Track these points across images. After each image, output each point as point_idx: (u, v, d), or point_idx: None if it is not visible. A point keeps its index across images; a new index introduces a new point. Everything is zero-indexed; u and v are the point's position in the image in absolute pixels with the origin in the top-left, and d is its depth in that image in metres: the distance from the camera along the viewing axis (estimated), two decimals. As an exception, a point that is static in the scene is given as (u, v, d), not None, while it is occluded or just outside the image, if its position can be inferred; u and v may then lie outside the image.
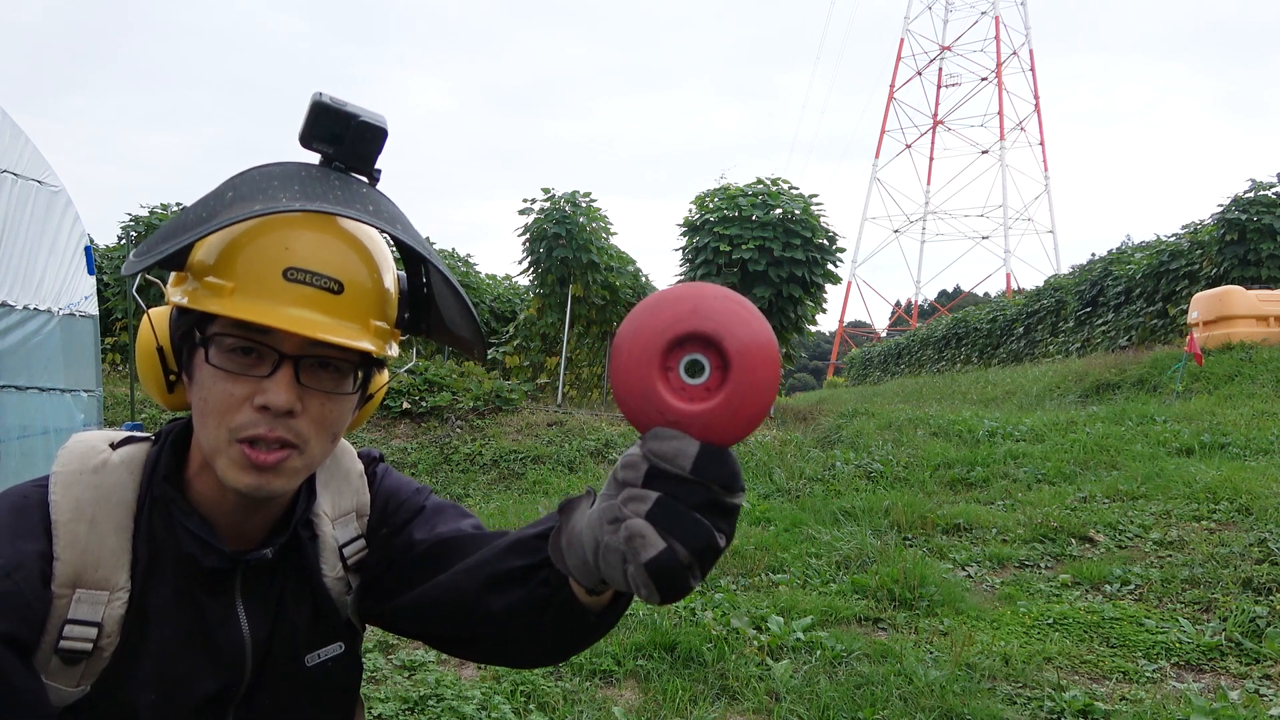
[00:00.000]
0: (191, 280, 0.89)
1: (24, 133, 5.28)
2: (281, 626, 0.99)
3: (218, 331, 0.86)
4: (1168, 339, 13.98)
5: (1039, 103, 54.42)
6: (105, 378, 9.52)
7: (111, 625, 0.90)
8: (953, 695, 3.12)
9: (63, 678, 0.88)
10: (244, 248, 0.86)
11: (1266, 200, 12.60)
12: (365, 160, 0.92)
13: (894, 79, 56.65)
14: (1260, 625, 3.72)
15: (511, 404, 9.36)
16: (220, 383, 0.86)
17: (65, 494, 0.91)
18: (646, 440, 0.68)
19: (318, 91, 0.90)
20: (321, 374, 0.89)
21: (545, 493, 7.03)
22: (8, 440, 5.01)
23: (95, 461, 0.94)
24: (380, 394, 1.06)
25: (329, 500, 1.05)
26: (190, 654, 0.93)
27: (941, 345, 26.09)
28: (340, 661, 1.03)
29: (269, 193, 0.85)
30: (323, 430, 0.90)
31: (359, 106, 0.91)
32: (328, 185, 0.88)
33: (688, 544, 0.66)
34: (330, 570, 1.03)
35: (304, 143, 0.91)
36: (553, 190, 11.55)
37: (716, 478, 0.66)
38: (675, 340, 0.65)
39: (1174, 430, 7.25)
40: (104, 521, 0.91)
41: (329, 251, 0.88)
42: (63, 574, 0.88)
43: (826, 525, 5.56)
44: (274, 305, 0.84)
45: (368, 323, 0.90)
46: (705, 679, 3.30)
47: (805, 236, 9.85)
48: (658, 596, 0.67)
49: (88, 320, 5.75)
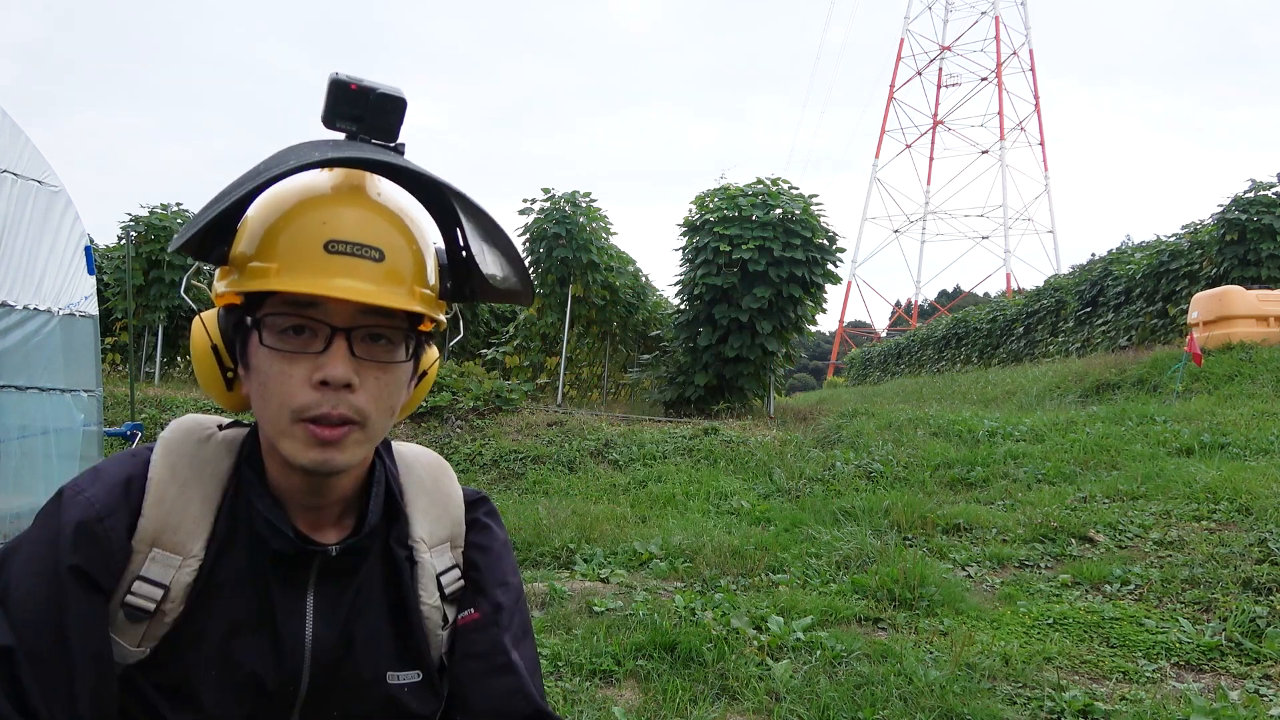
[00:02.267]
0: (235, 272, 0.91)
1: (24, 133, 5.28)
2: (360, 637, 0.98)
3: (268, 313, 0.88)
4: (1168, 339, 13.98)
5: (1039, 103, 54.42)
6: (105, 378, 9.51)
7: (178, 591, 0.92)
8: (953, 695, 3.11)
9: (126, 634, 0.91)
10: (283, 229, 0.89)
11: (1266, 200, 12.59)
12: (388, 132, 0.93)
13: (894, 79, 56.65)
14: (1260, 625, 3.72)
15: (511, 404, 9.36)
16: (276, 363, 0.88)
17: (165, 457, 0.95)
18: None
19: (334, 71, 0.92)
20: (374, 346, 0.91)
21: (545, 493, 7.03)
22: (8, 440, 5.00)
23: (201, 435, 0.98)
24: (433, 371, 1.06)
25: (426, 526, 1.05)
26: (253, 638, 0.94)
27: (941, 345, 26.08)
28: (418, 689, 1.02)
29: (301, 154, 0.86)
30: (381, 403, 0.91)
31: (375, 80, 0.92)
32: (357, 149, 0.90)
33: None
34: (428, 598, 1.03)
35: (327, 123, 0.93)
36: (553, 190, 11.55)
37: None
38: None
39: (1174, 430, 7.25)
40: (194, 489, 0.94)
41: (367, 222, 0.90)
42: (144, 530, 0.91)
43: (826, 525, 5.56)
44: (319, 277, 0.86)
45: (412, 288, 0.92)
46: (705, 679, 3.30)
47: (805, 236, 9.85)
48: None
49: (88, 320, 5.75)
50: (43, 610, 0.85)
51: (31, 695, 0.82)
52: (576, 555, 5.06)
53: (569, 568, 4.93)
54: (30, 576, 0.86)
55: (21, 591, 0.85)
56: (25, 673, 0.83)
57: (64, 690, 0.84)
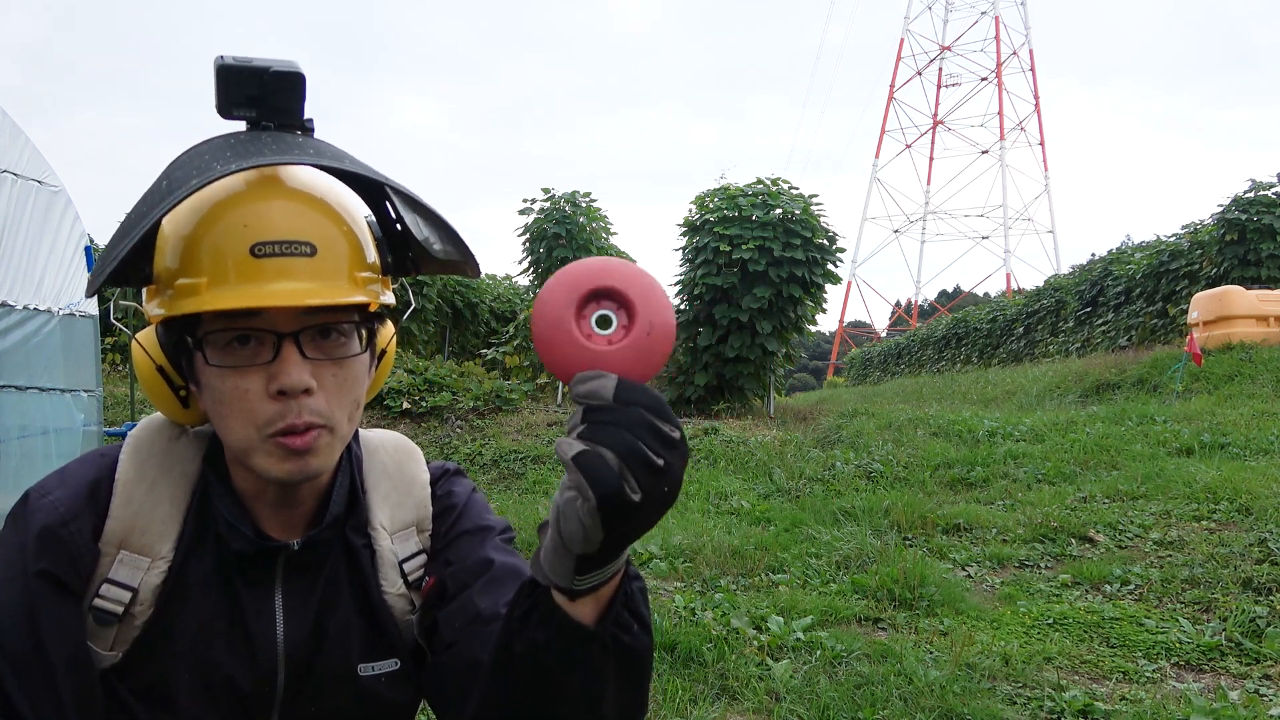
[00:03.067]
0: (164, 289, 0.86)
1: (24, 133, 5.28)
2: (331, 631, 0.96)
3: (207, 330, 0.84)
4: (1168, 339, 13.98)
5: (1039, 103, 54.43)
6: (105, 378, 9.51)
7: (146, 593, 0.90)
8: (953, 695, 3.12)
9: (97, 638, 0.89)
10: (203, 239, 0.83)
11: (1266, 200, 12.60)
12: (291, 113, 0.86)
13: (894, 79, 56.66)
14: (1260, 625, 3.72)
15: (511, 404, 9.36)
16: (228, 380, 0.84)
17: (134, 456, 0.93)
18: (573, 388, 0.70)
19: (219, 55, 0.85)
20: (325, 343, 0.87)
21: (545, 493, 7.03)
22: (8, 440, 5.00)
23: (172, 433, 0.95)
24: (391, 348, 1.03)
25: (386, 512, 1.01)
26: (224, 640, 0.92)
27: (941, 345, 26.09)
28: (395, 678, 1.00)
29: (202, 167, 0.81)
30: (343, 399, 0.88)
31: (266, 59, 0.84)
32: (260, 144, 0.83)
33: (612, 447, 0.65)
34: (390, 586, 1.00)
35: (223, 113, 0.86)
36: (553, 190, 11.55)
37: (639, 400, 0.68)
38: (587, 296, 0.73)
39: (1174, 430, 7.25)
40: (162, 489, 0.92)
41: (289, 216, 0.84)
42: (111, 532, 0.89)
43: (826, 525, 5.56)
44: (252, 286, 0.81)
45: (352, 275, 0.86)
46: (705, 679, 3.30)
47: (805, 236, 9.85)
48: (593, 496, 0.65)
49: (88, 320, 5.75)
50: (18, 615, 0.84)
51: (17, 702, 0.81)
52: (576, 555, 5.06)
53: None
54: (3, 584, 0.85)
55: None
56: (9, 679, 0.82)
57: (49, 695, 0.83)
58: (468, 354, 14.78)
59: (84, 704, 0.86)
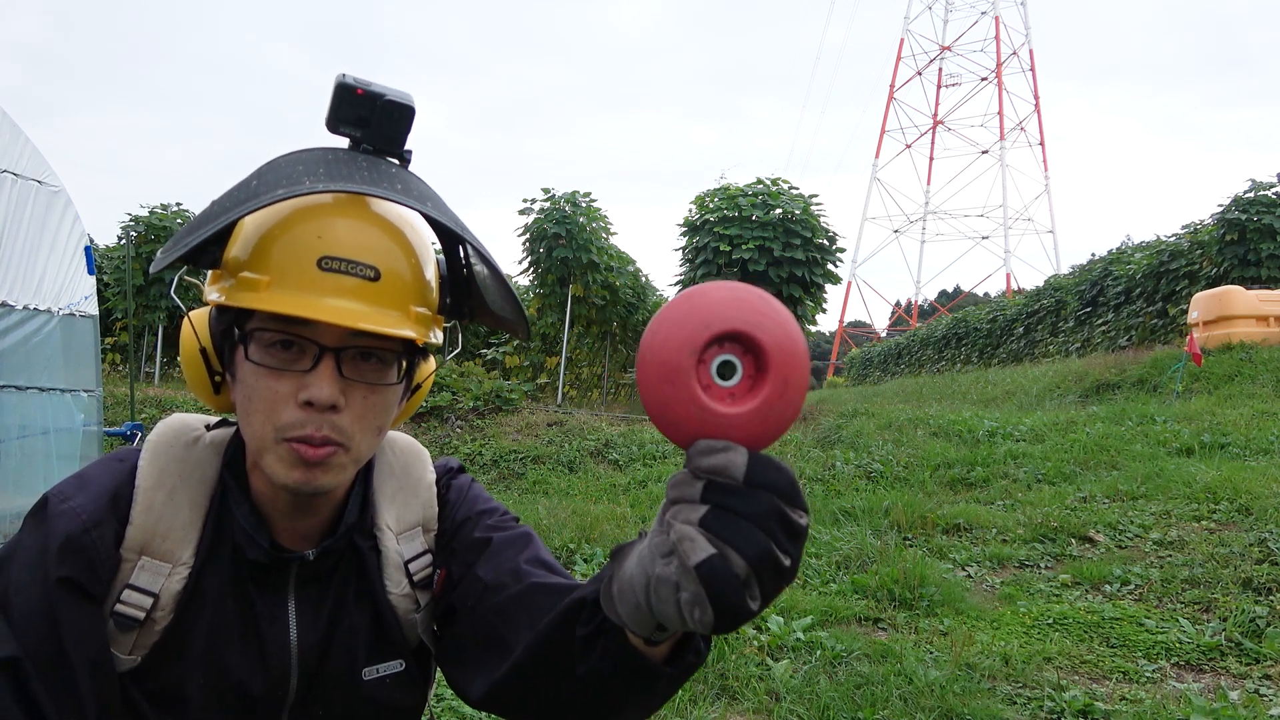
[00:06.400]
0: (228, 277, 0.87)
1: (24, 133, 5.28)
2: (338, 635, 0.97)
3: (256, 327, 0.85)
4: (1168, 339, 13.98)
5: (1039, 103, 54.44)
6: (105, 378, 9.52)
7: (167, 599, 0.90)
8: (953, 695, 3.12)
9: (117, 643, 0.89)
10: (277, 239, 0.84)
11: (1266, 200, 12.59)
12: (394, 141, 0.89)
13: (894, 79, 56.67)
14: (1260, 625, 3.72)
15: (511, 404, 9.36)
16: (262, 379, 0.85)
17: (152, 462, 0.93)
18: (693, 457, 0.62)
19: (341, 73, 0.87)
20: (364, 366, 0.87)
21: (545, 493, 7.03)
22: (8, 440, 5.00)
23: (188, 437, 0.96)
24: (427, 384, 1.03)
25: (393, 513, 1.02)
26: (238, 645, 0.93)
27: (941, 345, 26.09)
28: (400, 679, 1.00)
29: (294, 178, 0.82)
30: (367, 424, 0.88)
31: (384, 86, 0.87)
32: (355, 167, 0.86)
33: (743, 551, 0.58)
34: (395, 587, 1.00)
35: (330, 127, 0.89)
36: (553, 190, 11.55)
37: (773, 484, 0.60)
38: (710, 340, 0.61)
39: (1174, 430, 7.24)
40: (181, 495, 0.92)
41: (364, 237, 0.85)
42: (132, 538, 0.90)
43: (826, 525, 5.56)
44: (310, 296, 0.82)
45: (408, 309, 0.87)
46: (705, 679, 3.30)
47: (805, 236, 9.85)
48: (711, 612, 0.58)
49: (88, 320, 5.75)
50: (40, 619, 0.84)
51: (43, 704, 0.82)
52: (577, 555, 5.06)
53: (569, 568, 4.93)
54: (26, 587, 0.85)
55: (19, 602, 0.84)
56: (34, 682, 0.82)
57: (72, 698, 0.83)
58: (468, 354, 14.78)
59: (105, 707, 0.86)
